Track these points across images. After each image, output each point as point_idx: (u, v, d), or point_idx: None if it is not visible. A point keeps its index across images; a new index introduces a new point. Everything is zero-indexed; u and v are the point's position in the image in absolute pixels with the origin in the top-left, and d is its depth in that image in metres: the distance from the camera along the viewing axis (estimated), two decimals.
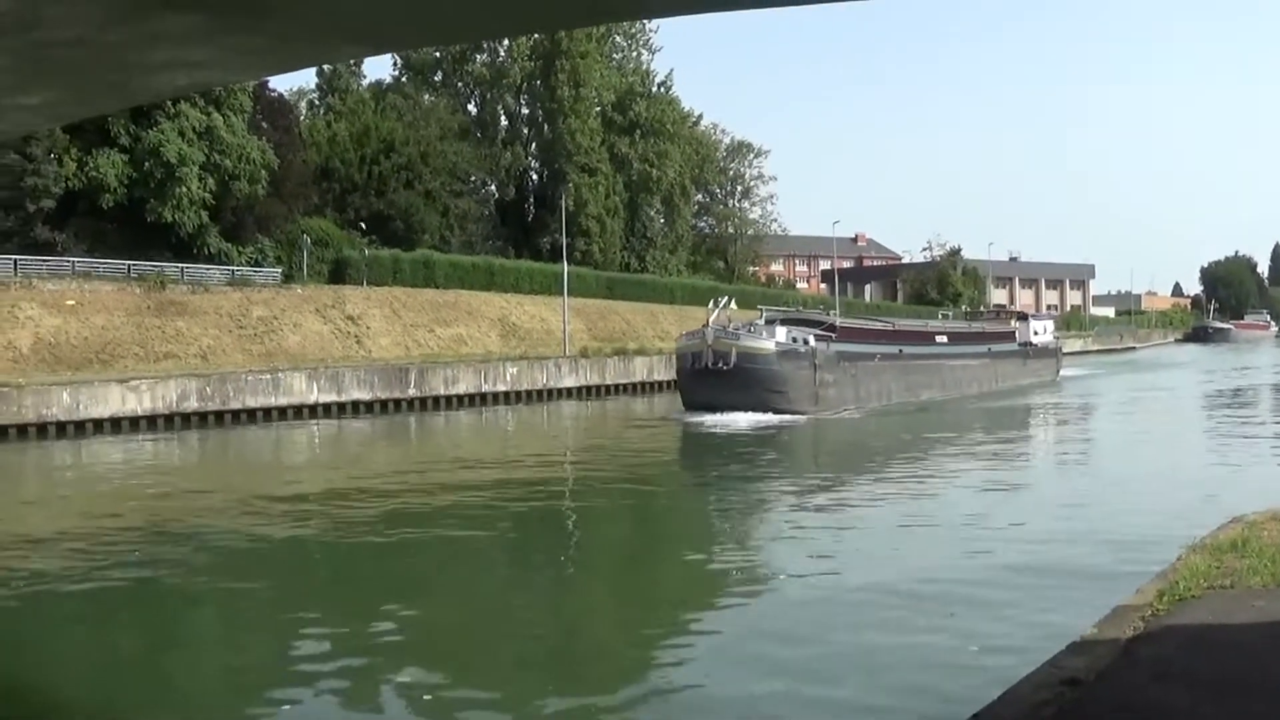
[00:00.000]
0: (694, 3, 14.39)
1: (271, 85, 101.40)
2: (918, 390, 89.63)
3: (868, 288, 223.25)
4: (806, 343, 77.27)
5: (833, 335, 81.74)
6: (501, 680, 20.82)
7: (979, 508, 37.74)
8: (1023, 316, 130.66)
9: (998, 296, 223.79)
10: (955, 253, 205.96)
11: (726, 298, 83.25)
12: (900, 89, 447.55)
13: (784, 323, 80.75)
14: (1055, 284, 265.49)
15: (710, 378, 72.25)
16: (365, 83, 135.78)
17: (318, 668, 21.50)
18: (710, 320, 75.76)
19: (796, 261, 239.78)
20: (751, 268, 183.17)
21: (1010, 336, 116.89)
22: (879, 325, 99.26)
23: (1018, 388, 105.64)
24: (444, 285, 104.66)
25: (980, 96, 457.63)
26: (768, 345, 74.51)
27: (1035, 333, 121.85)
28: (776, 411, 71.86)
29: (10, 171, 79.68)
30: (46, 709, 20.04)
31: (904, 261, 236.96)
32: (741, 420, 69.42)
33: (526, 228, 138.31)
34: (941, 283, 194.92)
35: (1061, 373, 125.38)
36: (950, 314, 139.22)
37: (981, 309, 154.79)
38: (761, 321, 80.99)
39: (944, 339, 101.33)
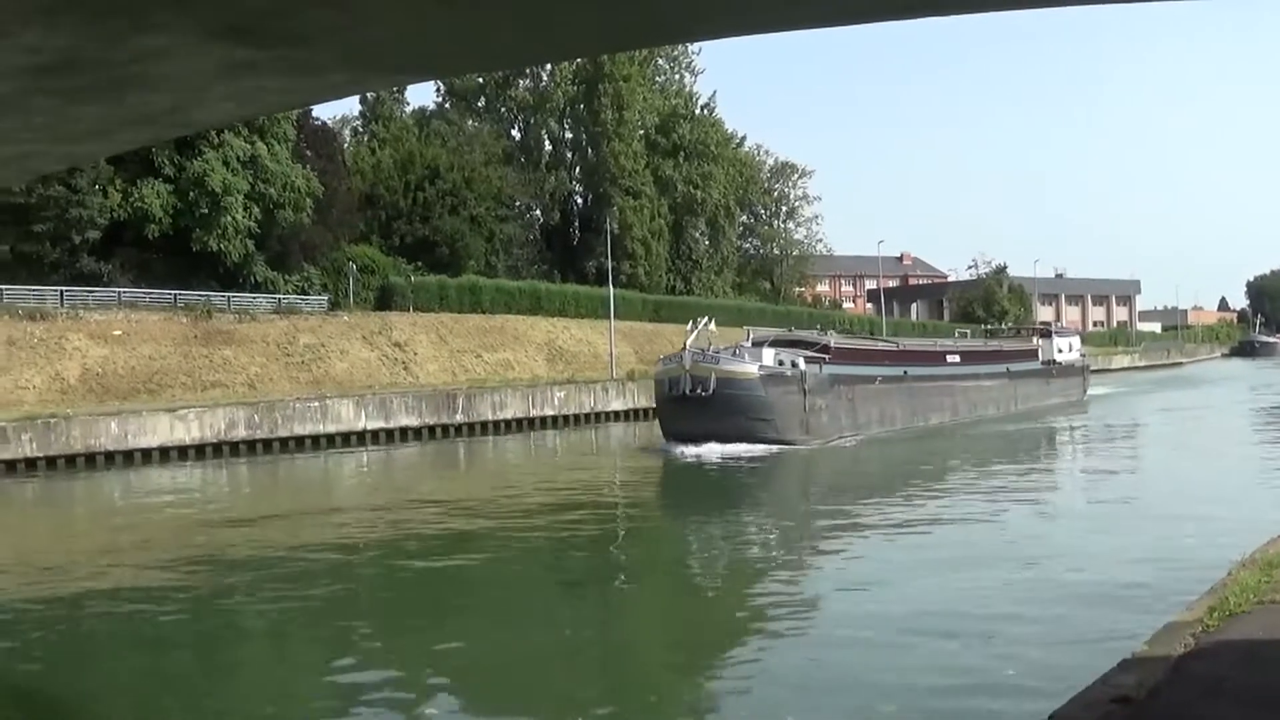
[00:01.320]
0: (738, 26, 14.21)
1: (315, 113, 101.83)
2: (926, 414, 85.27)
3: (914, 307, 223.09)
4: (794, 365, 71.69)
5: (826, 357, 75.81)
6: (544, 708, 20.60)
7: (991, 535, 37.17)
8: (1046, 333, 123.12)
9: (1044, 313, 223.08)
10: (1001, 270, 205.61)
11: (706, 318, 75.45)
12: (943, 107, 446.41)
13: (774, 344, 75.89)
14: (1101, 300, 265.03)
15: (689, 405, 66.59)
16: (408, 110, 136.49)
17: (364, 694, 21.56)
18: (687, 343, 70.19)
19: (842, 281, 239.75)
20: (797, 288, 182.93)
21: (1032, 355, 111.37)
22: (880, 346, 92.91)
23: (1040, 409, 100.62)
24: (490, 310, 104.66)
25: (1025, 112, 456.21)
26: (750, 369, 68.54)
27: (1059, 350, 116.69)
28: (761, 441, 66.28)
29: (56, 204, 79.88)
30: None
31: (950, 280, 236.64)
32: (722, 452, 64.44)
33: (571, 251, 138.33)
34: (988, 300, 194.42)
35: (1090, 392, 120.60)
36: (968, 332, 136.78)
37: (1021, 327, 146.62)
38: (748, 343, 75.79)
39: (956, 359, 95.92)
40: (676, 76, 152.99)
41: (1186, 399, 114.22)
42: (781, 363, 71.41)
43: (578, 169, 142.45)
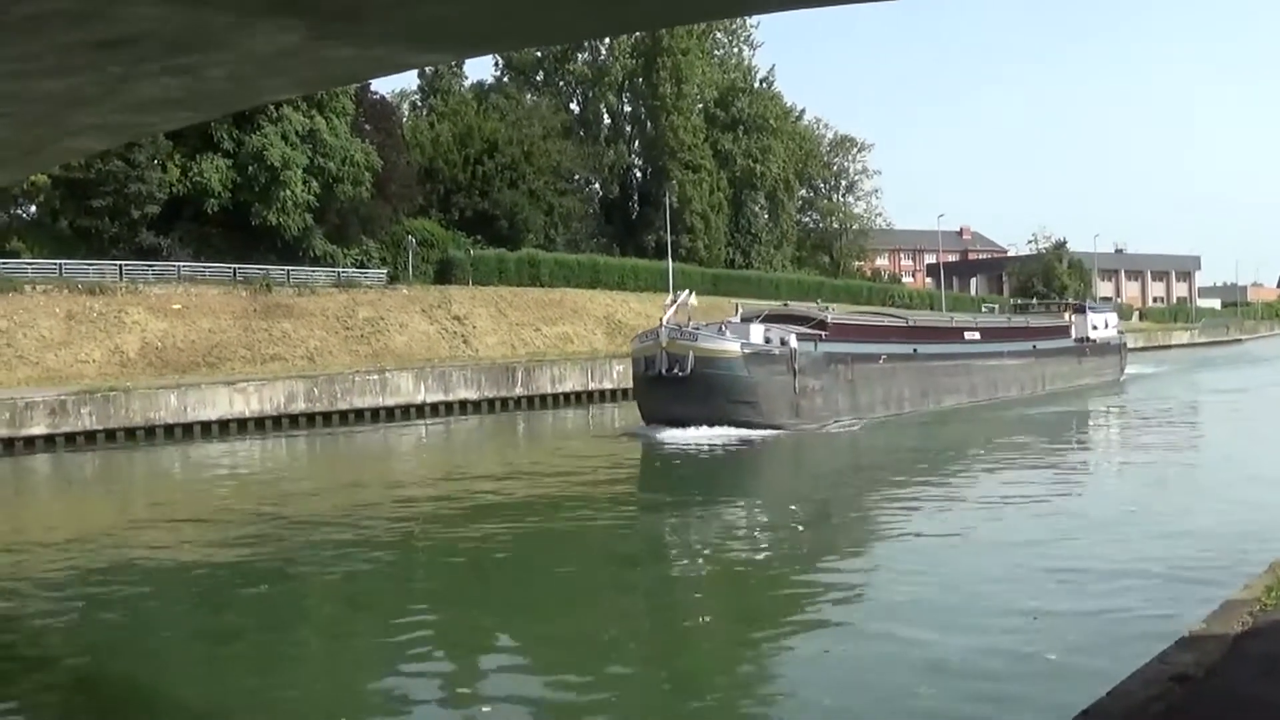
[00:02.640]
0: None
1: (373, 88, 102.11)
2: (940, 396, 78.63)
3: (973, 281, 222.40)
4: (784, 343, 65.43)
5: (822, 334, 69.96)
6: (597, 689, 20.47)
7: (988, 531, 33.90)
8: (1080, 309, 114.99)
9: (1104, 289, 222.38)
10: (1061, 245, 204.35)
11: (686, 291, 69.86)
12: (1004, 80, 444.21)
13: (767, 319, 69.66)
14: (1161, 276, 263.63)
15: (665, 386, 61.24)
16: (467, 84, 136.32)
17: (419, 670, 21.56)
18: (664, 318, 64.10)
19: (902, 256, 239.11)
20: (857, 263, 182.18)
21: (1062, 331, 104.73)
22: (886, 321, 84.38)
23: (1070, 390, 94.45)
24: (549, 284, 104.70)
25: (1085, 86, 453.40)
26: (731, 347, 62.79)
27: (1094, 327, 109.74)
28: (744, 425, 60.77)
29: (115, 179, 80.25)
30: (154, 709, 19.88)
31: (1009, 254, 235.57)
32: (701, 436, 59.54)
33: (631, 225, 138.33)
34: (1047, 276, 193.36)
35: (1129, 371, 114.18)
36: (995, 307, 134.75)
37: (1052, 302, 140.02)
38: (736, 318, 69.79)
39: (975, 335, 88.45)
40: (735, 50, 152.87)
41: (1239, 378, 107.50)
42: (769, 340, 65.92)
43: (636, 142, 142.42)
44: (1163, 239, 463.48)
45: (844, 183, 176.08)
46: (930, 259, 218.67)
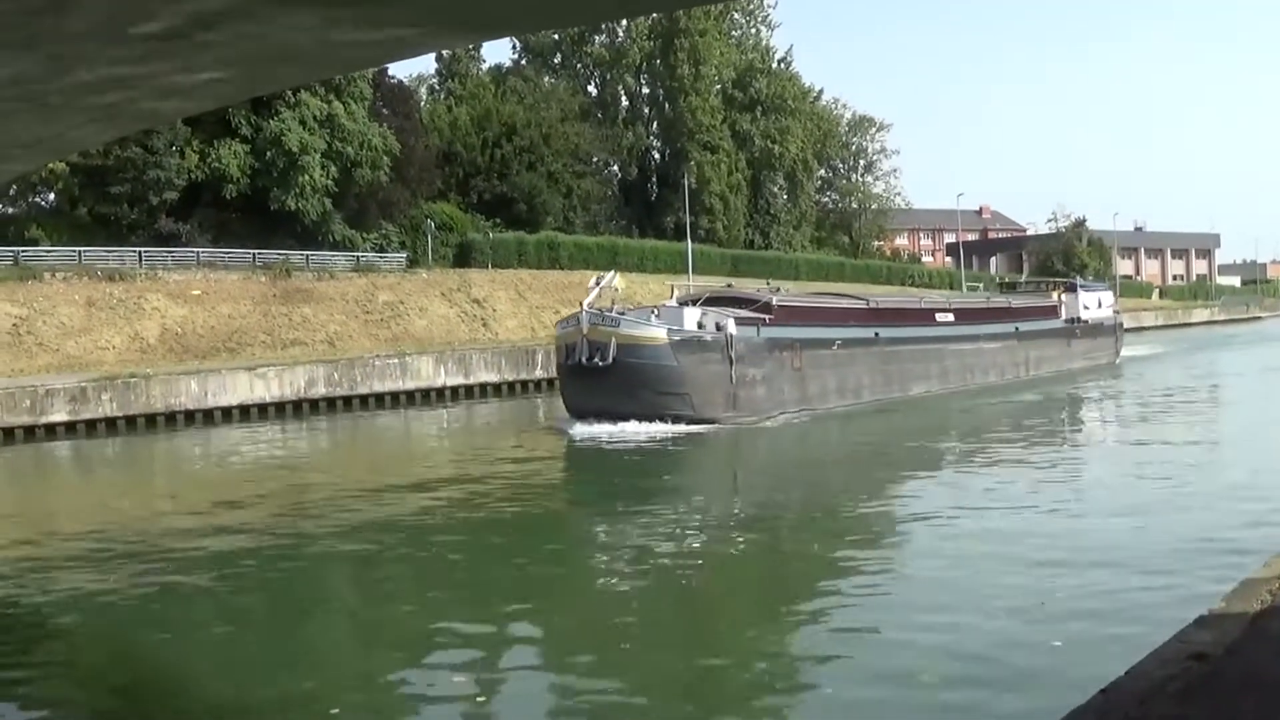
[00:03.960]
0: None
1: (391, 72, 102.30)
2: (906, 383, 73.12)
3: (993, 260, 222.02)
4: (718, 328, 59.98)
5: (766, 318, 63.91)
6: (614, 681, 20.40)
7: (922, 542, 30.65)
8: (1071, 287, 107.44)
9: (1124, 267, 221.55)
10: (1080, 224, 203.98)
11: (611, 273, 65.94)
12: (1021, 59, 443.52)
13: (708, 302, 64.56)
14: (1180, 254, 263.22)
15: (586, 377, 56.43)
16: (484, 67, 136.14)
17: (440, 654, 21.69)
18: (585, 302, 59.16)
19: (921, 235, 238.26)
20: (876, 242, 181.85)
21: (1049, 311, 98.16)
22: (843, 304, 76.62)
23: (1057, 375, 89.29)
24: (569, 266, 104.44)
25: (1102, 64, 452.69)
26: (656, 333, 57.38)
27: (1086, 306, 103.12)
28: (673, 419, 55.62)
29: (133, 165, 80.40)
30: (178, 695, 19.94)
31: (1029, 233, 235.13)
32: (623, 431, 54.48)
33: (650, 207, 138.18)
34: (1067, 254, 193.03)
35: (1126, 353, 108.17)
36: (980, 286, 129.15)
37: (1042, 281, 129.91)
38: (671, 301, 65.13)
39: (948, 317, 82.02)
40: (753, 30, 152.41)
41: (1244, 360, 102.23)
42: (701, 325, 60.52)
43: (655, 124, 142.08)
44: (1182, 217, 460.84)
45: (863, 162, 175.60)
46: (950, 238, 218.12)
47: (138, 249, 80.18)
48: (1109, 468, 43.92)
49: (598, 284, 61.54)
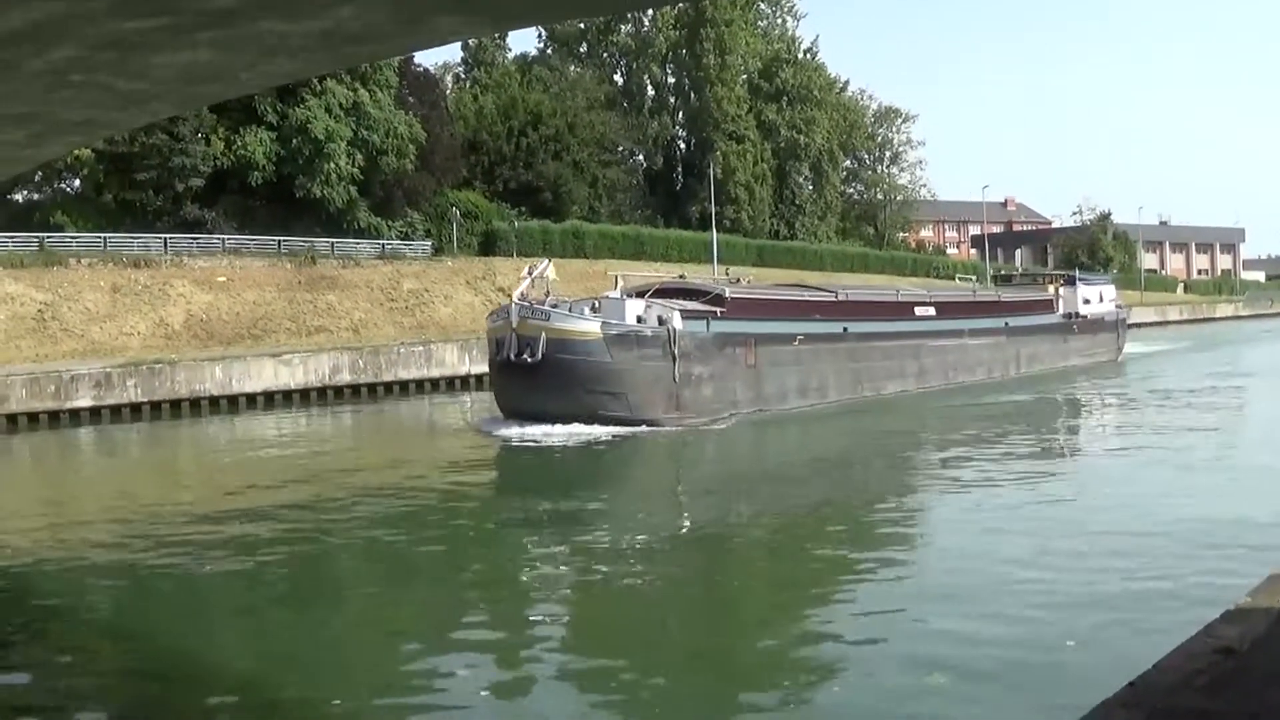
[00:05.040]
0: None
1: (416, 60, 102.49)
2: (878, 382, 68.32)
3: (1018, 253, 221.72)
4: (661, 322, 54.88)
5: (718, 311, 58.77)
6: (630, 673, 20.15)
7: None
8: (1070, 280, 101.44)
9: (1148, 261, 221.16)
10: (1105, 217, 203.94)
11: (545, 262, 61.75)
12: (1046, 49, 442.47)
13: (657, 294, 59.47)
14: (1205, 248, 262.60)
15: (516, 374, 51.89)
16: (510, 56, 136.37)
17: (461, 642, 21.55)
18: (515, 294, 54.96)
19: (946, 227, 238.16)
20: (901, 234, 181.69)
21: (1045, 306, 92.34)
22: (807, 296, 70.82)
23: (1052, 373, 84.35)
24: (594, 255, 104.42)
25: (1129, 56, 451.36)
26: (589, 328, 52.57)
27: (1085, 300, 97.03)
28: (608, 421, 51.16)
29: (159, 152, 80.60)
30: (202, 679, 19.95)
31: (1054, 226, 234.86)
32: (553, 433, 50.00)
33: (675, 196, 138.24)
34: (1092, 248, 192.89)
35: (1127, 349, 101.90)
36: (973, 279, 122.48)
37: (1039, 274, 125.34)
38: (616, 292, 59.49)
39: (929, 311, 76.76)
40: (779, 20, 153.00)
41: (1254, 359, 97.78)
42: (641, 319, 55.04)
43: (680, 114, 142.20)
44: (1207, 211, 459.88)
45: (888, 154, 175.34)
46: (975, 230, 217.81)
47: (163, 235, 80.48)
48: (1086, 477, 39.95)
49: (529, 273, 56.86)
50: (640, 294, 58.96)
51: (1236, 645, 11.45)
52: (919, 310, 76.14)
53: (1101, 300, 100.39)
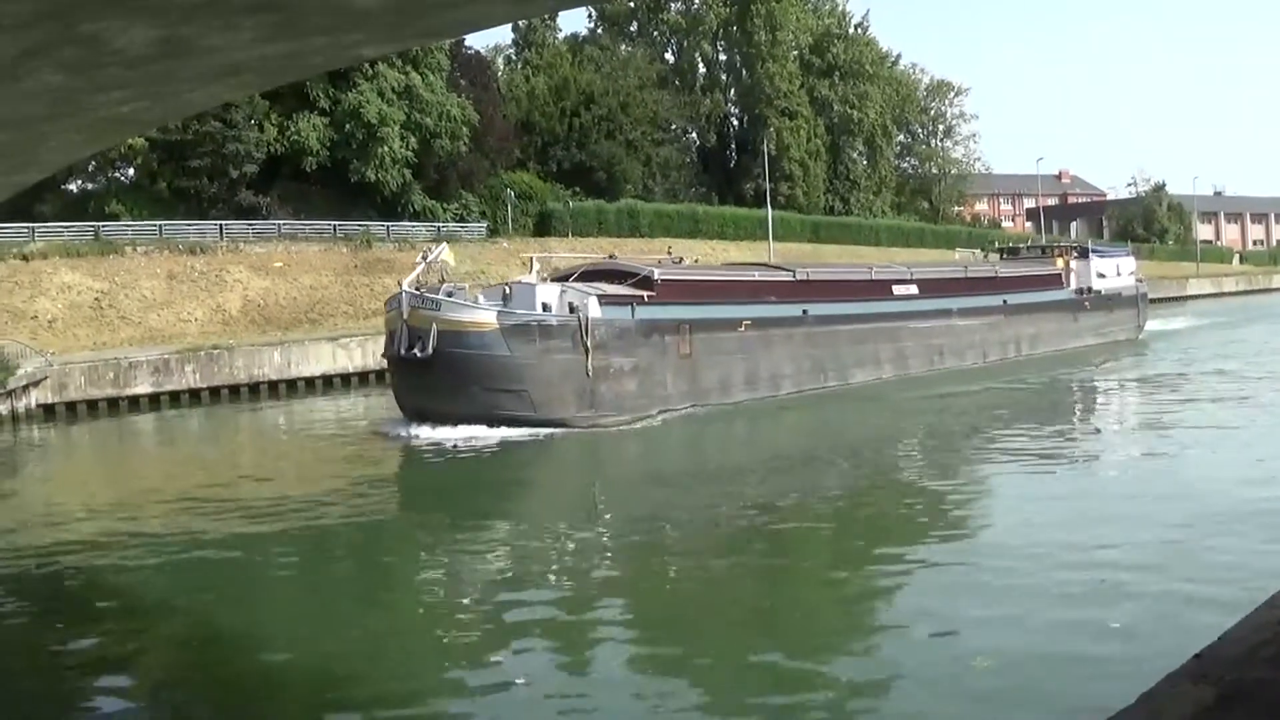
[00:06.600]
0: None
1: (467, 43, 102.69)
2: (845, 370, 62.40)
3: (1073, 225, 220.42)
4: (571, 310, 49.62)
5: (645, 295, 52.80)
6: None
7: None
8: (1083, 253, 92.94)
9: (1203, 232, 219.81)
10: (1160, 188, 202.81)
11: (441, 246, 57.42)
12: (1097, 21, 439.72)
13: (582, 277, 54.46)
14: (1260, 218, 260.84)
15: (408, 370, 47.51)
16: (560, 36, 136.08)
17: (508, 624, 21.71)
18: (405, 282, 49.20)
19: (1000, 200, 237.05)
20: (956, 208, 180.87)
21: (1052, 281, 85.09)
22: (756, 276, 65.17)
23: (1059, 354, 78.03)
24: (649, 234, 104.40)
25: (1181, 26, 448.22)
26: (484, 318, 47.58)
27: (1100, 274, 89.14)
28: (509, 422, 46.33)
29: (212, 139, 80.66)
30: (262, 659, 19.85)
31: (1109, 198, 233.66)
32: (446, 436, 45.60)
33: (729, 174, 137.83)
34: (1147, 219, 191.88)
35: (1149, 327, 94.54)
36: (979, 251, 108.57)
37: (1047, 245, 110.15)
38: (531, 277, 53.70)
39: (910, 289, 70.47)
40: None
41: None
42: (547, 307, 49.71)
43: (732, 91, 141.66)
44: (1263, 181, 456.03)
45: (941, 127, 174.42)
46: (1030, 203, 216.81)
47: (218, 222, 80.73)
48: (1081, 477, 35.76)
49: (425, 259, 52.22)
50: (562, 278, 54.68)
51: None
52: (898, 289, 70.03)
53: (1119, 274, 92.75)
